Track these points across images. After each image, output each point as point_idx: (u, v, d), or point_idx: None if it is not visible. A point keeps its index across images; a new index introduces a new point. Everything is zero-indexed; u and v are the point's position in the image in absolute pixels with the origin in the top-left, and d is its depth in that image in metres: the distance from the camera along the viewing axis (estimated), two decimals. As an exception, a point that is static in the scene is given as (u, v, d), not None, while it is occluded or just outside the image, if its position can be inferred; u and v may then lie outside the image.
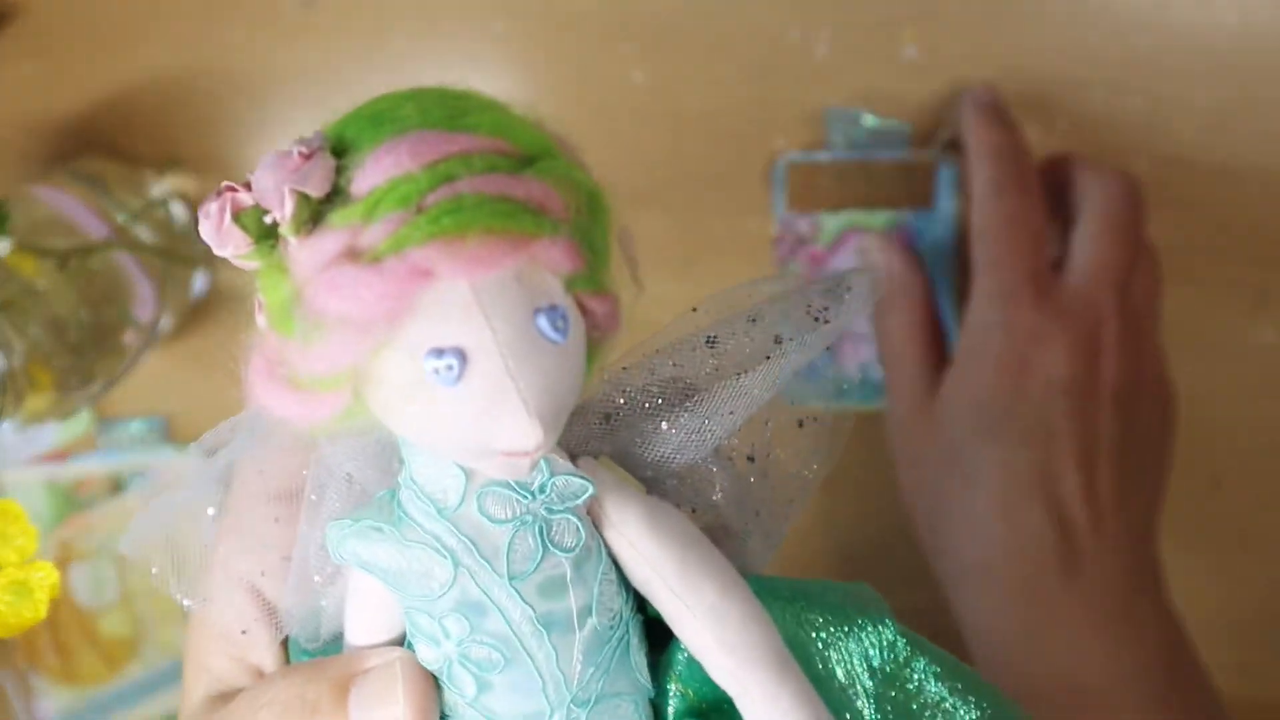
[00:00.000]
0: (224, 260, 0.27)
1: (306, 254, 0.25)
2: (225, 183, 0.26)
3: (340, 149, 0.26)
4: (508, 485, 0.28)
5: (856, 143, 0.54)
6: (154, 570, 0.32)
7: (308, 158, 0.25)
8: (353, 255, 0.25)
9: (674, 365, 0.31)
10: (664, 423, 0.31)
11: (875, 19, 0.57)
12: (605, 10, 0.59)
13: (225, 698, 0.32)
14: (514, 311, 0.26)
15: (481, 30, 0.60)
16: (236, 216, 0.25)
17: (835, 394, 0.57)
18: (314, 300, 0.25)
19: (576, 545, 0.28)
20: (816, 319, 0.30)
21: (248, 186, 0.26)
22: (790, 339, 0.30)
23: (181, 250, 0.60)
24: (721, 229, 0.58)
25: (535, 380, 0.26)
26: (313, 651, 0.32)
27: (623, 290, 0.29)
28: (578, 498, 0.28)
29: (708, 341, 0.30)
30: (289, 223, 0.25)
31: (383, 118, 0.26)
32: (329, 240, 0.25)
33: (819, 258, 0.50)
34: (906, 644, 0.31)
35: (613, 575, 0.29)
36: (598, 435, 0.31)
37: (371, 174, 0.25)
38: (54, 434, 0.64)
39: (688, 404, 0.30)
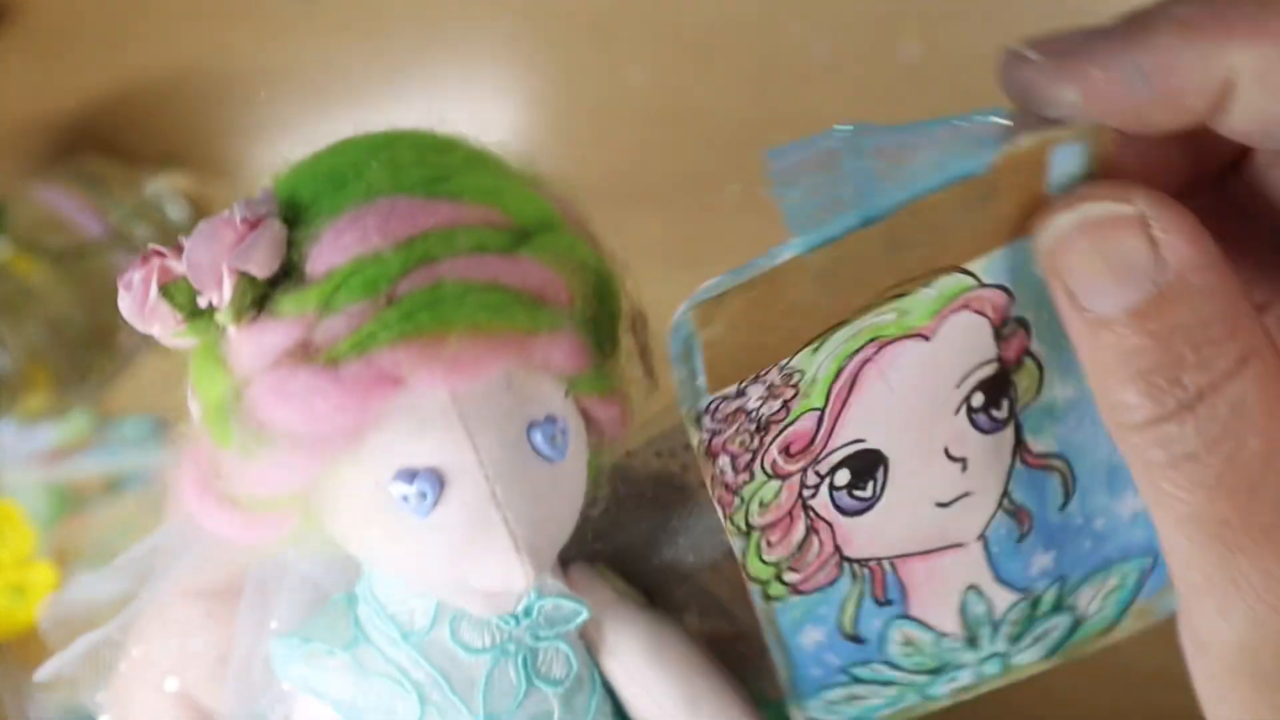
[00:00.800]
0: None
1: (249, 347, 0.20)
2: (153, 246, 0.21)
3: (293, 214, 0.21)
4: None
5: (850, 189, 0.25)
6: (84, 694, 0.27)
7: (252, 226, 0.20)
8: (306, 354, 0.20)
9: (686, 449, 0.26)
10: (673, 519, 0.27)
11: (875, 19, 0.57)
12: (605, 10, 0.59)
13: None
14: (504, 427, 0.21)
15: (481, 30, 0.60)
16: (164, 289, 0.20)
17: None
18: (257, 406, 0.20)
19: (567, 677, 0.24)
20: None
21: (178, 252, 0.21)
22: None
23: (180, 250, 0.60)
24: (721, 229, 0.58)
25: (527, 509, 0.21)
26: None
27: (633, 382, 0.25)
28: (569, 622, 0.24)
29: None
30: (227, 308, 0.20)
31: (345, 177, 0.21)
32: (277, 332, 0.20)
33: (805, 441, 0.24)
34: None
35: (608, 708, 0.25)
36: (594, 531, 0.26)
37: (331, 251, 0.20)
38: (51, 434, 0.64)
39: (699, 496, 0.26)
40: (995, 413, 0.24)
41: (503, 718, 0.23)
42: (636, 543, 0.27)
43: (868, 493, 0.24)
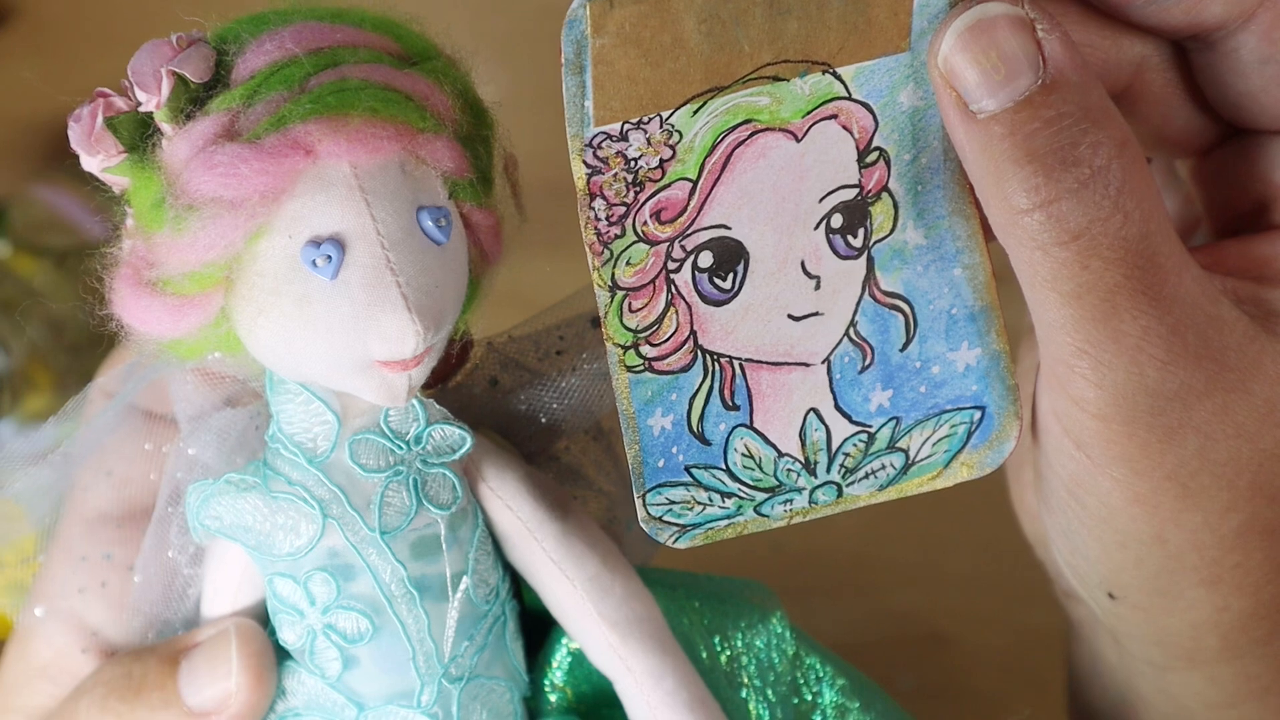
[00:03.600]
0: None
1: (181, 142, 0.24)
2: (99, 89, 0.25)
3: (221, 46, 0.25)
4: (382, 433, 0.27)
5: None
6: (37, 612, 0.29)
7: (187, 45, 0.24)
8: (231, 135, 0.24)
9: (560, 339, 0.30)
10: (548, 394, 0.30)
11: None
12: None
13: None
14: (396, 203, 0.24)
15: (480, 30, 0.60)
16: (109, 121, 0.24)
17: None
18: (189, 184, 0.24)
19: (453, 503, 0.27)
20: None
21: (123, 92, 0.25)
22: None
23: (181, 250, 0.60)
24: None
25: (417, 277, 0.24)
26: None
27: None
28: (455, 451, 0.27)
29: (593, 322, 0.29)
30: (165, 107, 0.24)
31: (265, 16, 0.25)
32: (206, 124, 0.24)
33: (677, 209, 0.26)
34: (795, 639, 0.30)
35: (489, 547, 0.28)
36: (481, 403, 0.29)
37: (253, 59, 0.24)
38: (53, 434, 0.64)
39: (574, 378, 0.29)
40: (851, 239, 0.27)
41: (395, 533, 0.26)
42: (512, 421, 0.30)
43: (728, 284, 0.27)
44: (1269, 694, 0.28)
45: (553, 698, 0.29)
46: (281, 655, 0.28)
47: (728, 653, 0.30)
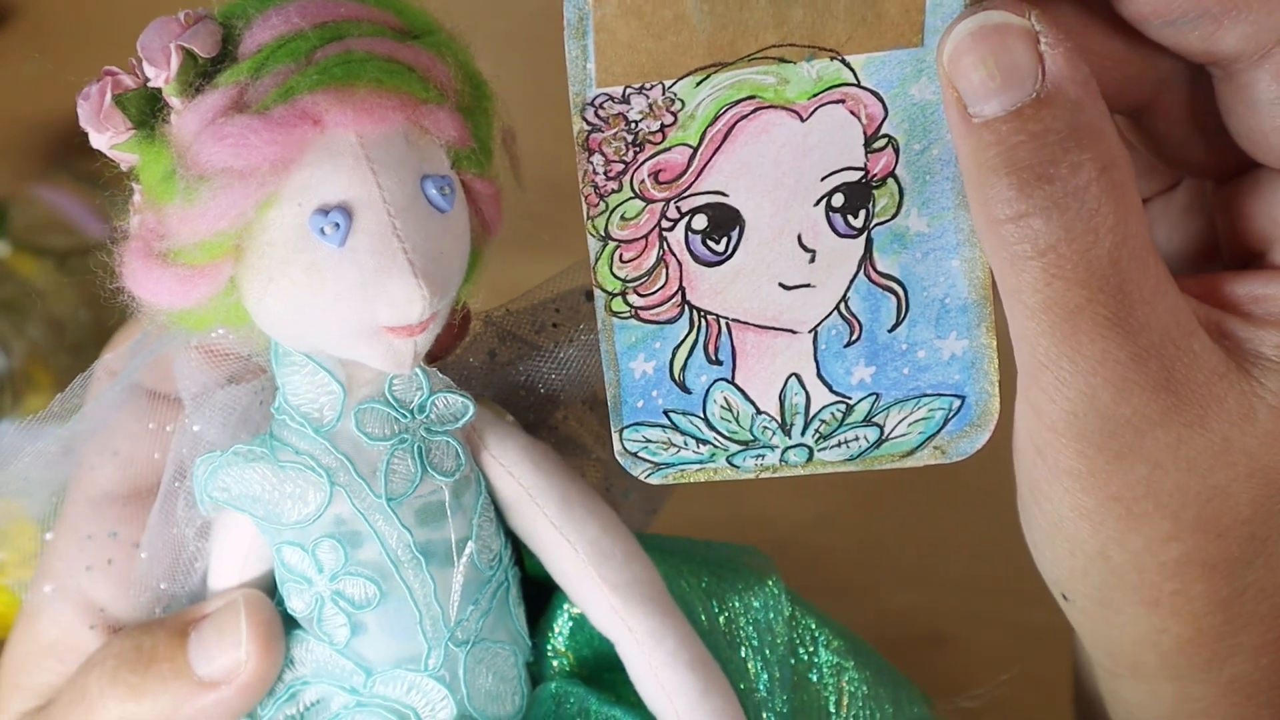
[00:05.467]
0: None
1: (191, 115, 0.24)
2: (107, 67, 0.25)
3: (227, 24, 0.25)
4: (386, 402, 0.27)
5: None
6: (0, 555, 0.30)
7: (195, 21, 0.25)
8: (240, 107, 0.24)
9: (556, 312, 0.31)
10: (545, 365, 0.30)
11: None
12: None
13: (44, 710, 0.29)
14: (402, 171, 0.25)
15: (480, 30, 0.60)
16: (117, 99, 0.25)
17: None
18: (199, 156, 0.24)
19: (456, 470, 0.28)
20: None
21: (131, 71, 0.25)
22: None
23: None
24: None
25: (422, 243, 0.25)
26: None
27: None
28: (458, 419, 0.28)
29: (587, 295, 0.30)
30: (174, 81, 0.24)
31: None
32: (215, 97, 0.24)
33: (675, 172, 0.27)
34: (791, 602, 0.31)
35: (492, 514, 0.29)
36: (479, 375, 0.30)
37: (260, 33, 0.25)
38: (58, 413, 0.64)
39: (570, 349, 0.30)
40: (851, 219, 0.27)
41: (400, 500, 0.27)
42: (511, 392, 0.31)
43: (721, 247, 0.27)
44: (1211, 716, 0.28)
45: (555, 662, 0.30)
46: (289, 625, 0.28)
47: (725, 614, 0.30)
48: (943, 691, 0.58)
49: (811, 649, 0.31)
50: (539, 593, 0.30)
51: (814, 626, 0.31)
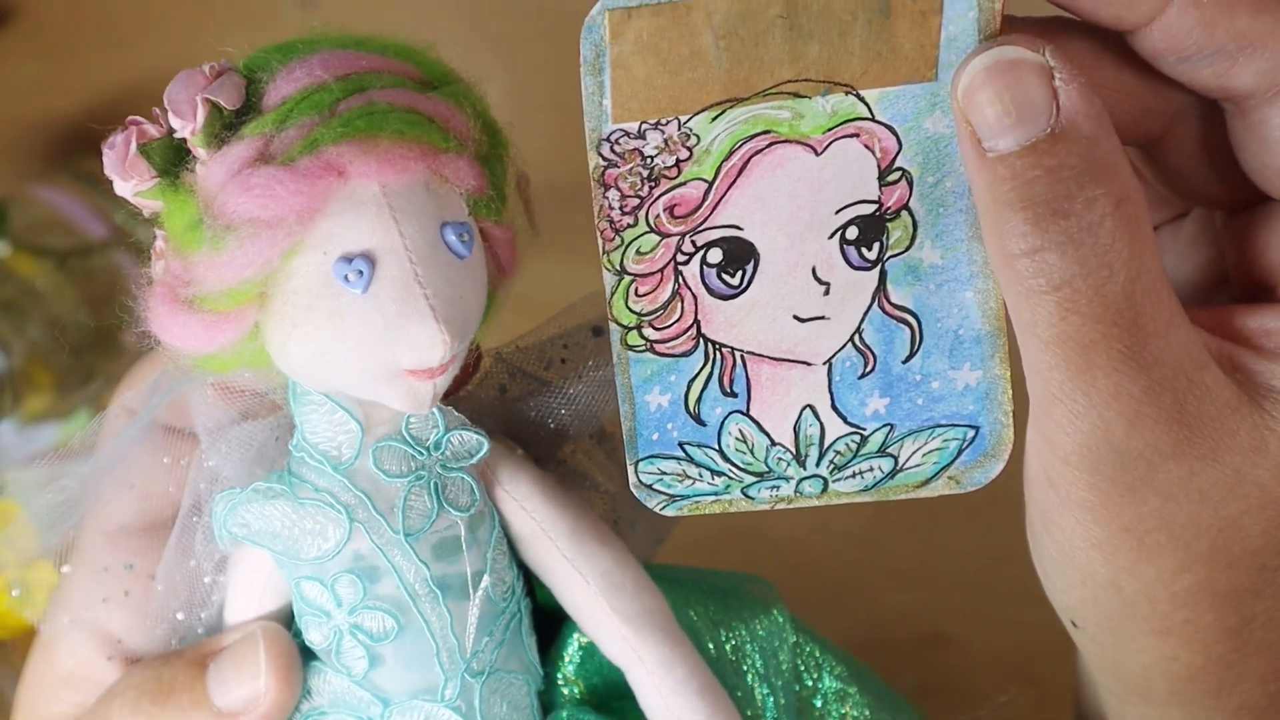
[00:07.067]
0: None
1: (217, 165, 0.25)
2: (132, 117, 0.26)
3: (249, 75, 0.26)
4: (403, 440, 0.28)
5: None
6: (14, 591, 0.30)
7: (219, 74, 0.25)
8: (266, 158, 0.25)
9: (564, 348, 0.31)
10: (554, 400, 0.31)
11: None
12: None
13: None
14: (423, 219, 0.25)
15: (480, 30, 0.60)
16: (142, 148, 0.25)
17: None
18: (226, 206, 0.25)
19: (471, 505, 0.28)
20: None
21: (154, 120, 0.26)
22: None
23: (181, 250, 0.60)
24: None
25: (443, 289, 0.25)
26: None
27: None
28: (473, 455, 0.28)
29: (594, 331, 0.31)
30: (201, 133, 0.25)
31: (291, 45, 0.27)
32: (241, 148, 0.25)
33: (690, 207, 0.27)
34: (796, 630, 0.31)
35: (505, 547, 0.29)
36: (491, 410, 0.31)
37: (284, 86, 0.25)
38: (54, 434, 0.64)
39: (579, 385, 0.31)
40: (866, 252, 0.27)
41: (417, 535, 0.28)
42: (521, 427, 0.31)
43: (736, 281, 0.27)
44: None
45: (565, 690, 0.30)
46: (306, 656, 0.29)
47: (732, 643, 0.31)
48: (943, 691, 0.58)
49: (816, 675, 0.32)
50: (548, 622, 0.31)
51: (818, 654, 0.32)
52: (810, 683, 0.32)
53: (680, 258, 0.27)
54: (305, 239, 0.25)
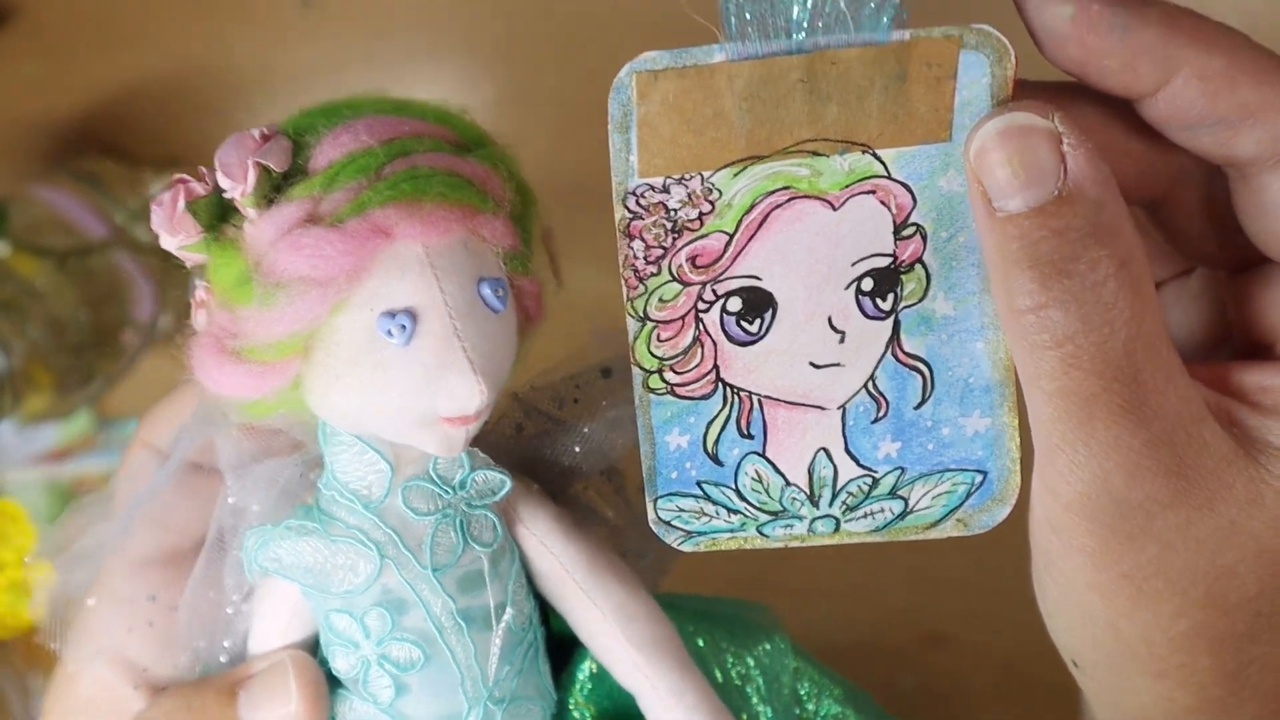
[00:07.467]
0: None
1: (267, 225, 0.26)
2: (178, 175, 0.27)
3: (295, 138, 0.27)
4: (431, 480, 0.29)
5: (779, 21, 0.26)
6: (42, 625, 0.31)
7: (267, 138, 0.26)
8: (314, 219, 0.26)
9: (577, 389, 0.33)
10: (567, 438, 0.32)
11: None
12: (605, 10, 0.59)
13: None
14: (461, 277, 0.27)
15: (481, 30, 0.60)
16: (189, 205, 0.26)
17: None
18: (276, 264, 0.26)
19: (494, 541, 0.29)
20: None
21: (200, 178, 0.27)
22: None
23: (181, 250, 0.60)
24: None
25: (480, 343, 0.27)
26: None
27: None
28: (496, 493, 0.30)
29: (603, 373, 0.32)
30: (251, 194, 0.26)
31: (336, 109, 0.28)
32: (291, 209, 0.26)
33: (711, 257, 0.28)
34: (798, 657, 0.33)
35: (524, 579, 0.30)
36: (507, 447, 0.32)
37: (330, 150, 0.26)
38: (54, 434, 0.64)
39: (591, 424, 0.32)
40: (880, 303, 0.28)
41: (445, 570, 0.29)
42: (536, 465, 0.33)
43: (754, 328, 0.29)
44: None
45: (577, 714, 0.32)
46: (332, 684, 0.30)
47: (739, 669, 0.32)
48: (943, 692, 0.58)
49: (816, 699, 0.33)
50: (558, 646, 0.32)
51: (817, 678, 0.33)
52: (811, 706, 0.33)
53: (701, 305, 0.28)
54: (351, 296, 0.26)
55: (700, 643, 0.32)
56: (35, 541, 0.54)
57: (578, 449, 0.32)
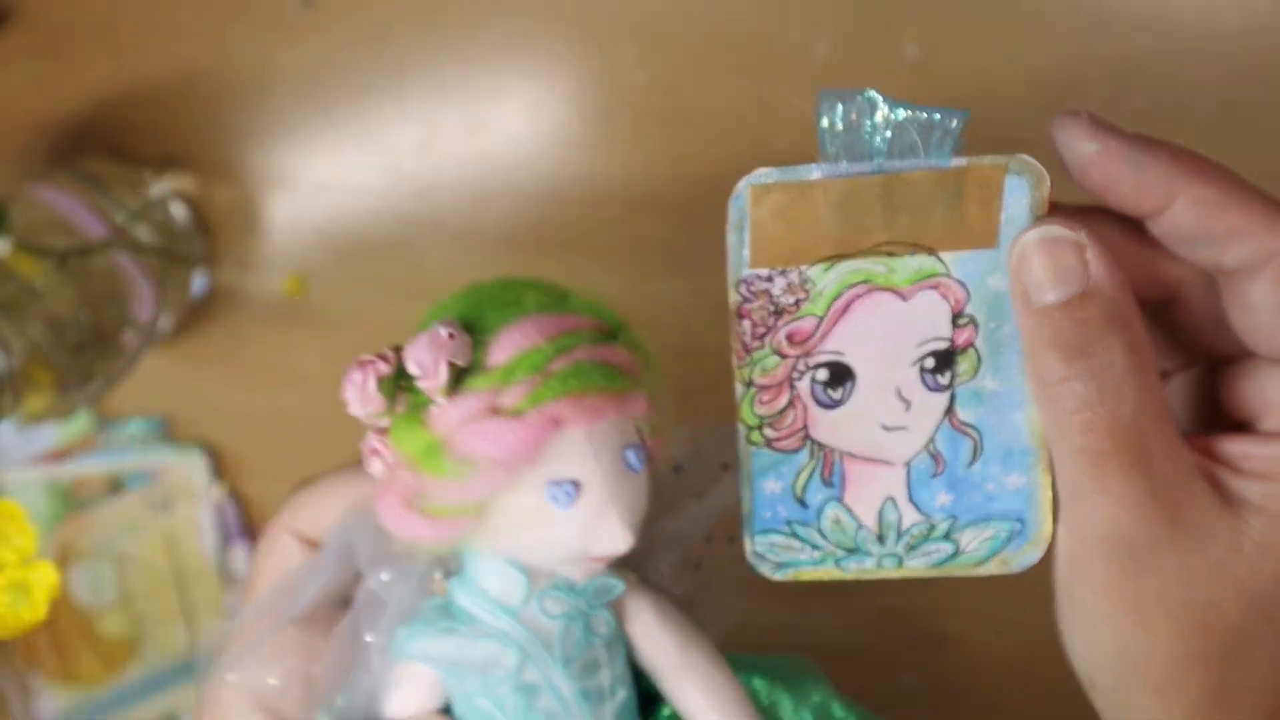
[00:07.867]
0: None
1: (454, 411, 0.32)
2: (362, 356, 0.32)
3: (469, 326, 0.32)
4: (560, 588, 0.34)
5: (864, 148, 0.33)
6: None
7: (453, 337, 0.31)
8: (496, 410, 0.31)
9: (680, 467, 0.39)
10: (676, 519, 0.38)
11: (875, 19, 0.57)
12: (605, 10, 0.59)
13: None
14: (612, 449, 0.33)
15: (481, 30, 0.60)
16: (379, 382, 0.32)
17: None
18: (465, 445, 0.31)
19: (609, 633, 0.35)
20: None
21: (383, 358, 0.32)
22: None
23: (180, 250, 0.60)
24: (721, 230, 0.58)
25: (626, 501, 0.33)
26: None
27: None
28: (611, 594, 0.35)
29: (675, 469, 0.39)
30: (443, 388, 0.31)
31: (505, 303, 0.33)
32: (474, 400, 0.31)
33: (805, 336, 0.34)
34: (840, 705, 0.38)
35: (627, 658, 0.36)
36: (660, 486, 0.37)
37: (505, 347, 0.32)
38: (54, 434, 0.64)
39: (666, 518, 0.38)
40: (940, 378, 0.35)
41: (572, 662, 0.34)
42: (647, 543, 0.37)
43: (837, 395, 0.35)
44: None
45: None
46: None
47: (792, 711, 0.38)
48: (943, 691, 0.58)
49: None
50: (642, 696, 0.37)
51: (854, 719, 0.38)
52: None
53: (795, 375, 0.35)
54: (527, 471, 0.32)
55: (756, 683, 0.38)
56: (35, 541, 0.54)
57: (668, 523, 0.38)
